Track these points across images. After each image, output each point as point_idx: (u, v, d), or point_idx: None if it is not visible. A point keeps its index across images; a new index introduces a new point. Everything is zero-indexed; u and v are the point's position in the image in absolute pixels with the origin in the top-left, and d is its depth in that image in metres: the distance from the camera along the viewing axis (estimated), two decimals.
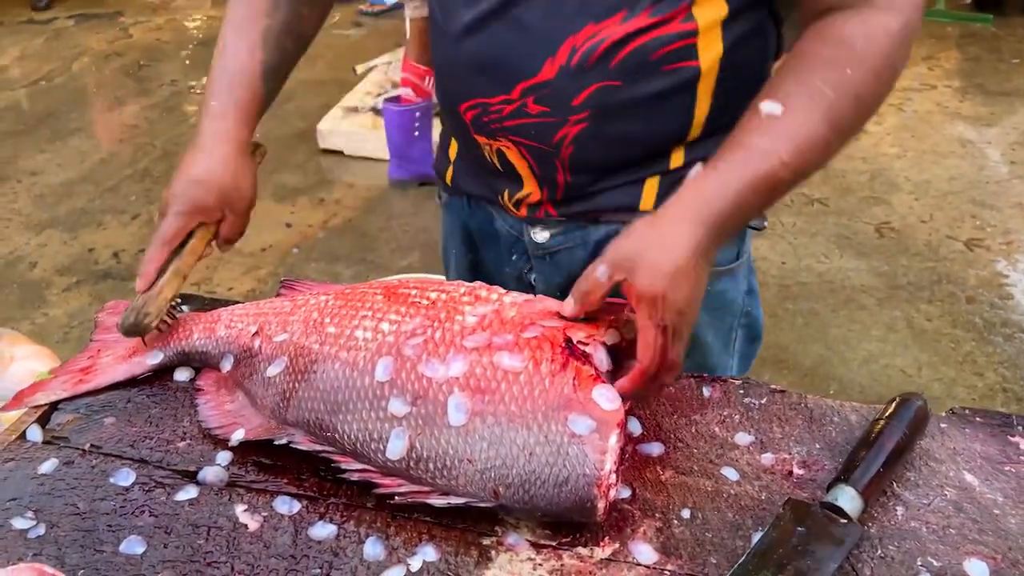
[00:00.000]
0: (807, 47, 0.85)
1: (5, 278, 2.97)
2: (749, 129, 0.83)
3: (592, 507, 0.75)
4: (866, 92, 0.84)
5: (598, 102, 0.91)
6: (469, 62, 0.95)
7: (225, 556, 0.76)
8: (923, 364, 2.46)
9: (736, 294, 1.10)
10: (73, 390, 0.94)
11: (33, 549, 0.77)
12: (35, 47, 5.10)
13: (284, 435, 0.84)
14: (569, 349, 0.80)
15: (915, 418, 0.84)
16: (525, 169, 1.01)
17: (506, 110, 0.95)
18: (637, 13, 0.86)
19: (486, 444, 0.76)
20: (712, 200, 0.81)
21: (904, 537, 0.77)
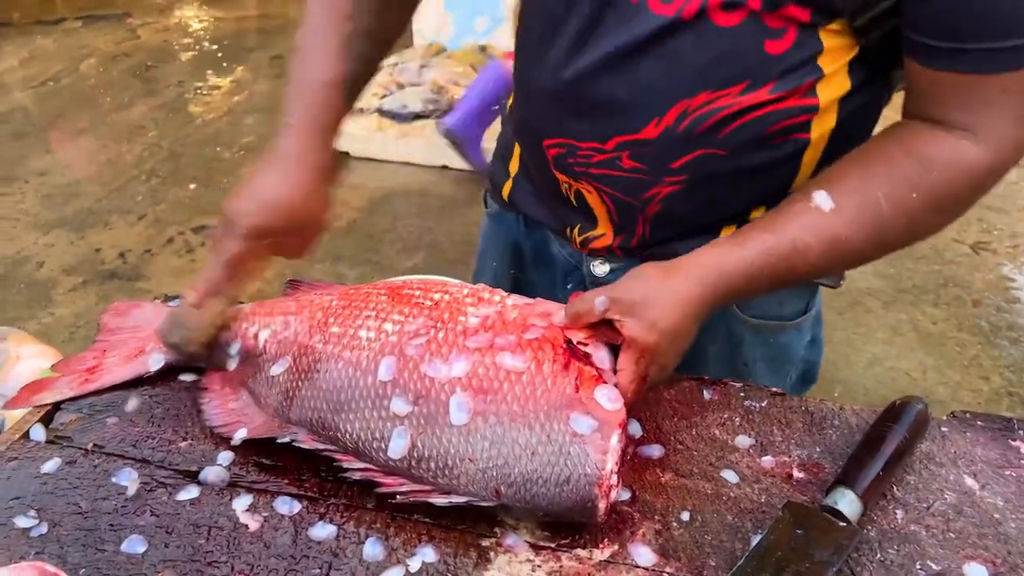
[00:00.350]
0: (889, 149, 0.82)
1: (12, 277, 2.99)
2: (792, 212, 0.83)
3: (593, 507, 0.75)
4: (922, 221, 0.83)
5: (698, 168, 0.88)
6: (567, 102, 0.90)
7: (225, 556, 0.76)
8: (928, 367, 2.45)
9: (798, 346, 1.08)
10: (79, 390, 0.94)
11: (35, 548, 0.77)
12: (44, 48, 5.13)
13: (287, 434, 0.84)
14: (570, 350, 0.81)
15: (915, 422, 0.84)
16: (603, 214, 0.97)
17: (596, 158, 0.91)
18: (759, 87, 0.81)
19: (488, 443, 0.76)
20: (728, 272, 0.82)
21: (903, 540, 0.77)
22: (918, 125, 0.82)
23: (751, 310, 1.01)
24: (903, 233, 0.84)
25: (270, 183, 0.90)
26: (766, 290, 0.89)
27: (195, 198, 3.46)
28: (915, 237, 0.86)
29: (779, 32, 0.78)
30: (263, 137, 3.96)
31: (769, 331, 1.03)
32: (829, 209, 0.81)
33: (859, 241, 0.82)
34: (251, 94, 4.45)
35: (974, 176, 0.80)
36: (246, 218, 0.88)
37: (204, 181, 3.59)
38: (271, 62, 4.86)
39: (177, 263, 3.05)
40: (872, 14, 0.76)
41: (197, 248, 3.13)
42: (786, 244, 0.81)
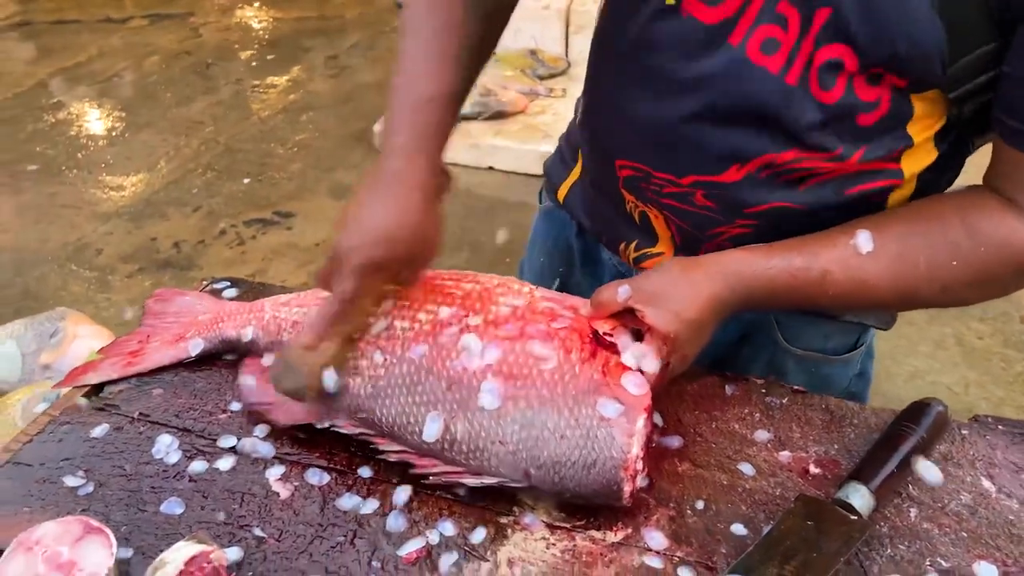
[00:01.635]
0: (946, 211, 0.81)
1: (73, 263, 3.10)
2: (830, 242, 0.82)
3: (619, 489, 0.78)
4: (956, 291, 0.82)
5: (771, 217, 0.86)
6: (646, 129, 0.87)
7: (257, 520, 0.80)
8: (971, 382, 2.42)
9: (843, 379, 1.06)
10: (122, 372, 0.98)
11: (82, 505, 0.82)
12: (111, 45, 5.30)
13: (326, 419, 0.87)
14: (597, 339, 0.83)
15: (934, 422, 0.84)
16: (666, 237, 0.96)
17: (669, 189, 0.89)
18: (849, 156, 0.80)
19: (518, 427, 0.79)
20: (747, 278, 0.83)
21: (915, 537, 0.78)
22: (986, 195, 0.80)
23: (796, 341, 1.01)
24: (934, 297, 0.83)
25: (381, 212, 0.83)
26: (783, 308, 0.90)
27: (248, 192, 3.56)
28: (946, 303, 0.85)
29: (872, 105, 0.77)
30: (317, 135, 4.05)
31: (812, 362, 1.03)
32: (867, 252, 0.81)
33: (886, 291, 0.82)
34: (306, 93, 4.55)
35: (1021, 266, 0.78)
36: (359, 253, 0.82)
37: (257, 176, 3.68)
38: (327, 62, 4.96)
39: (228, 254, 3.14)
40: (969, 86, 0.74)
41: (248, 240, 3.22)
42: (813, 271, 0.82)
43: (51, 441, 0.90)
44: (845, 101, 0.76)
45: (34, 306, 2.72)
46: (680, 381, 0.95)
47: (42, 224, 3.36)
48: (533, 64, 4.07)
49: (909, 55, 0.72)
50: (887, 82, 0.75)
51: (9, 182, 3.69)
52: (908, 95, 0.76)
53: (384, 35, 5.31)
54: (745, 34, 0.78)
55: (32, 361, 1.79)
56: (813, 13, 0.74)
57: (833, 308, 0.91)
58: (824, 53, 0.75)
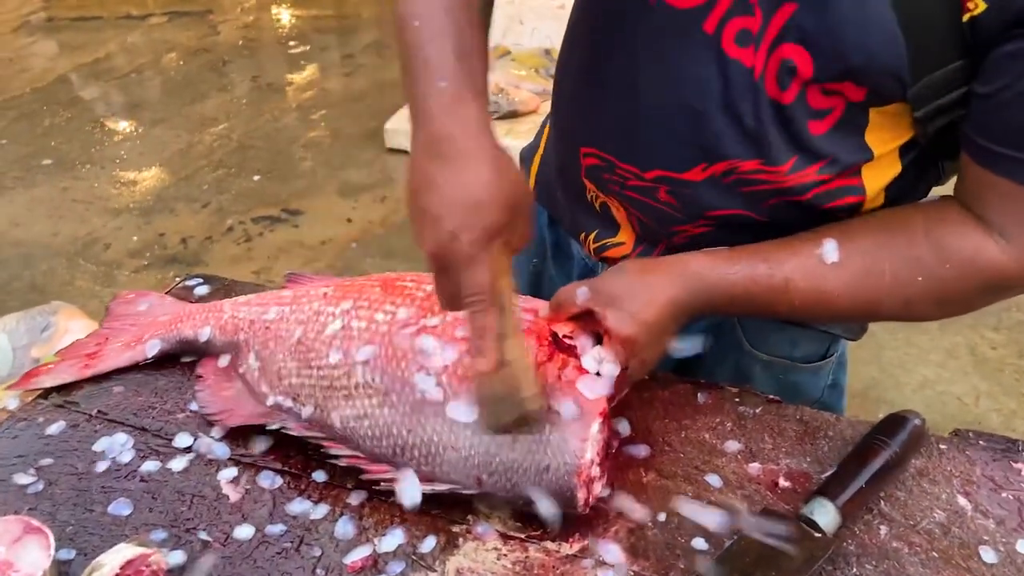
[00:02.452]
0: (914, 225, 0.78)
1: (82, 258, 3.12)
2: (794, 250, 0.80)
3: (572, 496, 0.75)
4: (920, 307, 0.80)
5: (732, 222, 0.85)
6: (614, 117, 0.85)
7: (204, 523, 0.78)
8: (982, 393, 2.36)
9: (813, 388, 1.04)
10: (78, 375, 0.96)
11: (29, 504, 0.81)
12: (131, 41, 5.34)
13: (277, 421, 0.86)
14: (555, 342, 0.81)
15: (909, 437, 0.81)
16: (626, 225, 0.94)
17: (632, 182, 0.87)
18: (805, 167, 0.78)
19: (470, 432, 0.77)
20: (709, 283, 0.81)
21: (884, 557, 0.74)
22: (954, 210, 0.78)
23: (761, 346, 0.99)
24: (897, 310, 0.81)
25: (469, 175, 0.69)
26: (744, 314, 0.88)
27: (258, 189, 3.56)
28: (909, 318, 0.84)
29: (824, 113, 0.74)
30: (329, 133, 4.05)
31: (779, 367, 1.00)
32: (831, 262, 0.79)
33: (848, 303, 0.80)
34: (321, 91, 4.55)
35: (988, 280, 0.76)
36: (466, 233, 0.68)
37: (268, 173, 3.68)
38: (342, 60, 4.96)
39: (235, 251, 3.14)
40: (937, 103, 0.72)
41: (255, 237, 3.22)
42: (776, 278, 0.80)
43: (6, 438, 0.88)
44: (798, 105, 0.74)
45: (39, 299, 2.73)
46: (651, 388, 0.92)
47: (53, 218, 3.38)
48: (547, 64, 4.04)
49: (865, 68, 0.70)
50: (843, 92, 0.73)
51: (24, 176, 3.72)
52: (866, 107, 0.74)
53: None
54: (719, 22, 0.75)
55: (23, 355, 1.79)
56: (777, 8, 0.71)
57: (793, 317, 0.88)
58: (783, 51, 0.72)
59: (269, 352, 0.89)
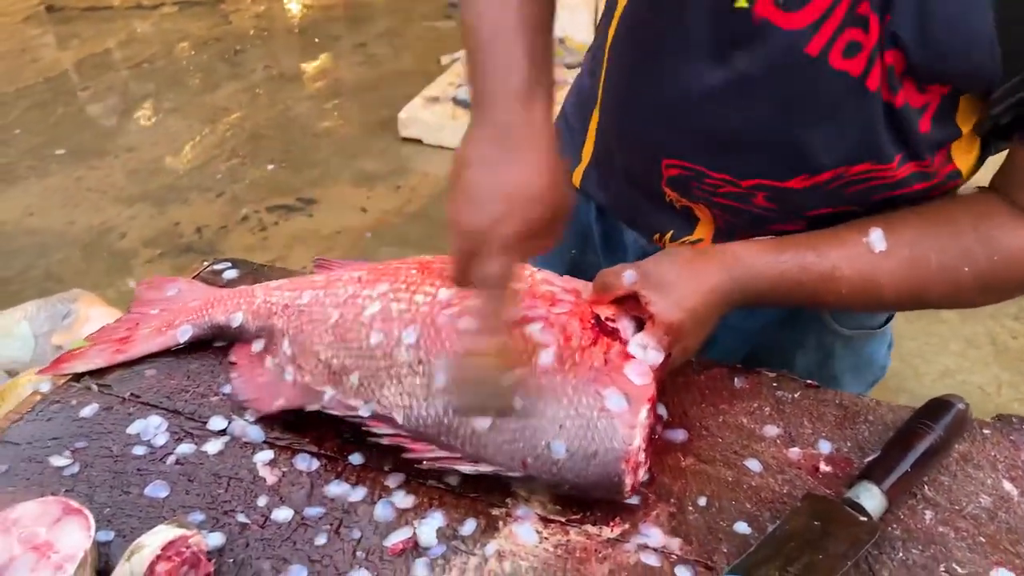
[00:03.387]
0: (960, 217, 0.79)
1: (96, 246, 3.12)
2: (841, 240, 0.80)
3: (619, 482, 0.74)
4: (966, 296, 0.80)
5: (832, 218, 0.83)
6: (705, 132, 0.82)
7: (241, 505, 0.78)
8: (1003, 383, 2.34)
9: (880, 353, 1.05)
10: (110, 360, 0.95)
11: (66, 485, 0.80)
12: (141, 31, 5.33)
13: (316, 403, 0.84)
14: (599, 325, 0.80)
15: (953, 421, 0.80)
16: (707, 222, 0.91)
17: (725, 189, 0.84)
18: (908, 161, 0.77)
19: (516, 414, 0.76)
20: (757, 272, 0.80)
21: (930, 541, 0.73)
22: (998, 203, 0.79)
23: (847, 322, 0.98)
24: (943, 299, 0.82)
25: (516, 170, 0.70)
26: (785, 303, 0.86)
27: (271, 178, 3.56)
28: (955, 306, 0.84)
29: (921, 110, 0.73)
30: (342, 122, 4.04)
31: (859, 341, 1.00)
32: (879, 251, 0.78)
33: (894, 293, 0.80)
34: (333, 80, 4.54)
35: None
36: (508, 224, 0.68)
37: (281, 162, 3.68)
38: (354, 49, 4.94)
39: (250, 240, 3.14)
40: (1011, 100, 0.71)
41: (270, 226, 3.22)
42: (824, 267, 0.79)
43: (40, 420, 0.88)
44: (905, 106, 0.73)
45: (56, 288, 2.73)
46: (687, 372, 0.91)
47: (67, 207, 3.38)
48: (560, 52, 4.03)
49: (960, 72, 0.69)
50: (935, 89, 0.72)
51: (38, 165, 3.72)
52: (955, 96, 0.73)
53: (412, 23, 5.29)
54: (828, 40, 0.71)
55: (44, 342, 1.79)
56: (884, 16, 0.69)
57: (839, 307, 0.88)
58: (887, 57, 0.71)
59: (305, 336, 0.88)
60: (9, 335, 1.81)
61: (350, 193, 3.43)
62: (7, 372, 1.77)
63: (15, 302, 2.10)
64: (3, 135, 4.00)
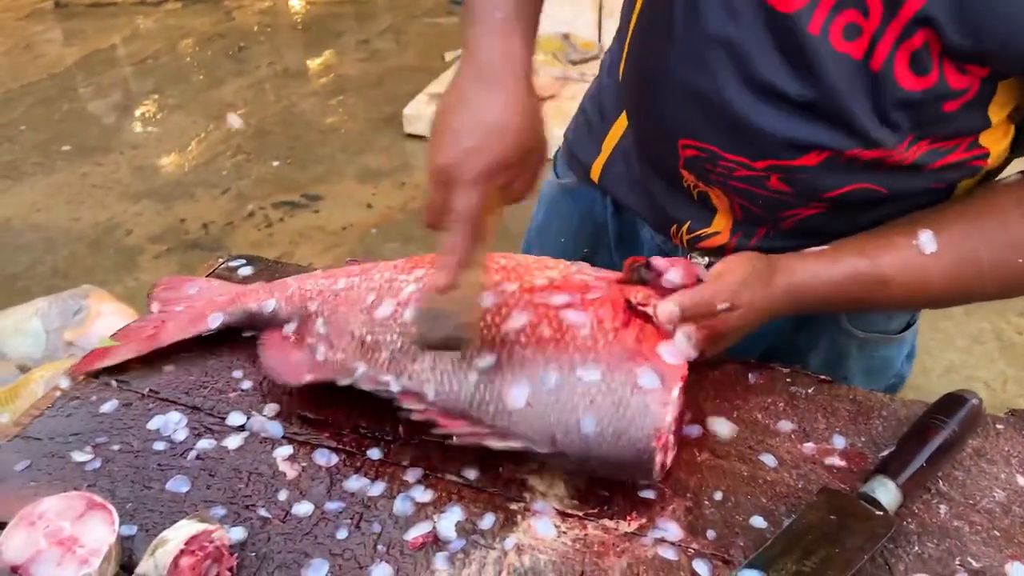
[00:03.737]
0: (1006, 206, 0.78)
1: (103, 243, 3.13)
2: (892, 244, 0.80)
3: (650, 460, 0.75)
4: (1018, 287, 0.80)
5: (849, 199, 0.81)
6: (717, 112, 0.82)
7: (262, 500, 0.79)
8: (1009, 378, 2.35)
9: (897, 360, 1.05)
10: (144, 348, 0.96)
11: (88, 480, 0.81)
12: (145, 27, 5.34)
13: (347, 377, 0.85)
14: (631, 309, 0.80)
15: (967, 416, 0.81)
16: (725, 212, 0.91)
17: (740, 172, 0.83)
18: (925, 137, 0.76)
19: (547, 389, 0.76)
20: (810, 289, 0.80)
21: (945, 535, 0.74)
22: None
23: (860, 323, 0.98)
24: (994, 293, 0.81)
25: (487, 106, 0.72)
26: (837, 311, 0.88)
27: (277, 174, 3.56)
28: (1005, 297, 0.83)
29: (961, 92, 0.72)
30: (347, 118, 4.04)
31: (873, 345, 1.00)
32: (929, 253, 0.78)
33: (947, 291, 0.80)
34: (337, 76, 4.54)
35: None
36: (476, 157, 0.71)
37: (286, 159, 3.69)
38: (358, 46, 4.95)
39: (256, 236, 3.14)
40: None
41: (275, 223, 3.23)
42: (876, 275, 0.79)
43: (60, 416, 0.89)
44: (938, 87, 0.71)
45: (63, 284, 2.74)
46: (701, 368, 0.92)
47: (73, 204, 3.39)
48: (565, 49, 4.03)
49: (999, 54, 0.68)
50: (974, 72, 0.71)
51: (43, 162, 3.73)
52: (993, 81, 0.72)
53: (415, 19, 5.29)
54: (825, 19, 0.72)
55: (56, 338, 1.80)
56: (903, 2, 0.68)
57: (891, 309, 0.89)
58: (915, 40, 0.69)
59: (340, 316, 0.88)
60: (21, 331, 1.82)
61: (355, 189, 3.44)
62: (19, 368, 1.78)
63: (22, 298, 2.11)
64: (9, 132, 4.01)
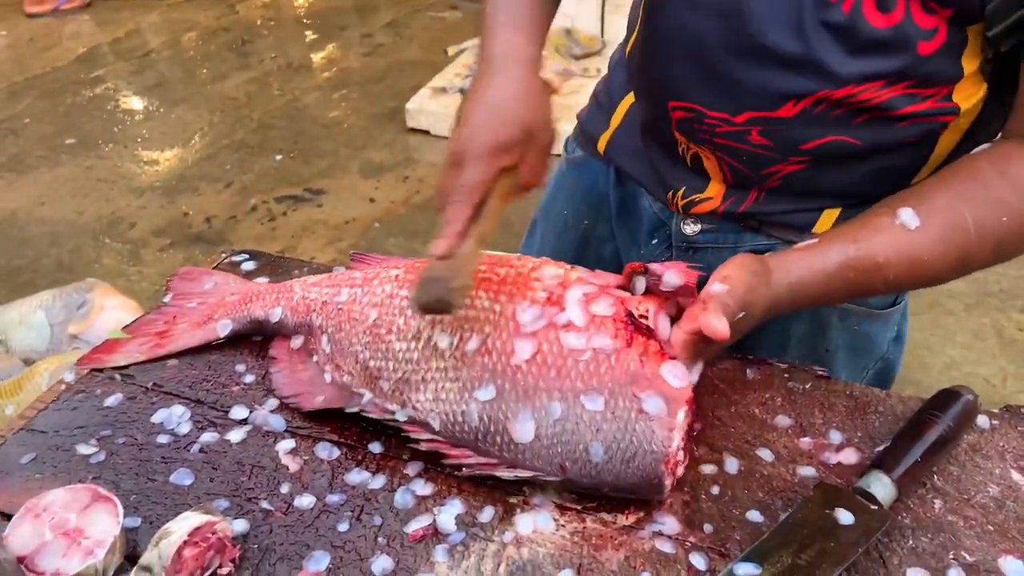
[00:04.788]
0: (982, 168, 0.79)
1: (107, 236, 3.14)
2: (876, 227, 0.80)
3: (659, 484, 0.75)
4: (1011, 246, 0.80)
5: (827, 151, 0.85)
6: (699, 68, 0.86)
7: (264, 493, 0.80)
8: (1009, 375, 2.35)
9: (882, 340, 1.05)
10: (150, 354, 0.96)
11: (93, 473, 0.82)
12: (150, 21, 5.33)
13: (355, 404, 0.85)
14: (632, 323, 0.80)
15: (962, 412, 0.81)
16: (718, 179, 0.96)
17: (723, 128, 0.88)
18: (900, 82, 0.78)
19: (553, 420, 0.77)
20: (808, 285, 0.80)
21: (939, 530, 0.75)
22: (1017, 146, 0.79)
23: None
24: (988, 257, 0.81)
25: (494, 86, 0.79)
26: (838, 301, 0.88)
27: (280, 168, 3.57)
28: (1000, 260, 0.83)
29: (930, 33, 0.75)
30: (350, 113, 4.05)
31: (855, 317, 1.01)
32: (914, 227, 0.79)
33: (941, 262, 0.80)
34: (340, 71, 4.54)
35: None
36: (480, 134, 0.77)
37: (290, 153, 3.69)
38: (361, 40, 4.94)
39: (259, 230, 3.15)
40: (1007, 23, 0.73)
41: (278, 217, 3.23)
42: (868, 258, 0.80)
43: (65, 409, 0.90)
44: (904, 27, 0.74)
45: (68, 278, 2.75)
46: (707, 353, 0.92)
47: (78, 197, 3.40)
48: (568, 44, 4.02)
49: None
50: (938, 12, 0.73)
51: (48, 155, 3.74)
52: (964, 27, 0.74)
53: (418, 14, 5.28)
54: None
55: (60, 331, 1.81)
56: None
57: (889, 291, 0.89)
58: None
59: (344, 335, 0.89)
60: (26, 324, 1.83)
61: (358, 184, 3.45)
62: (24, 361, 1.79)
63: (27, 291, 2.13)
64: (13, 124, 4.01)
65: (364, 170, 3.55)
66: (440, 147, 3.68)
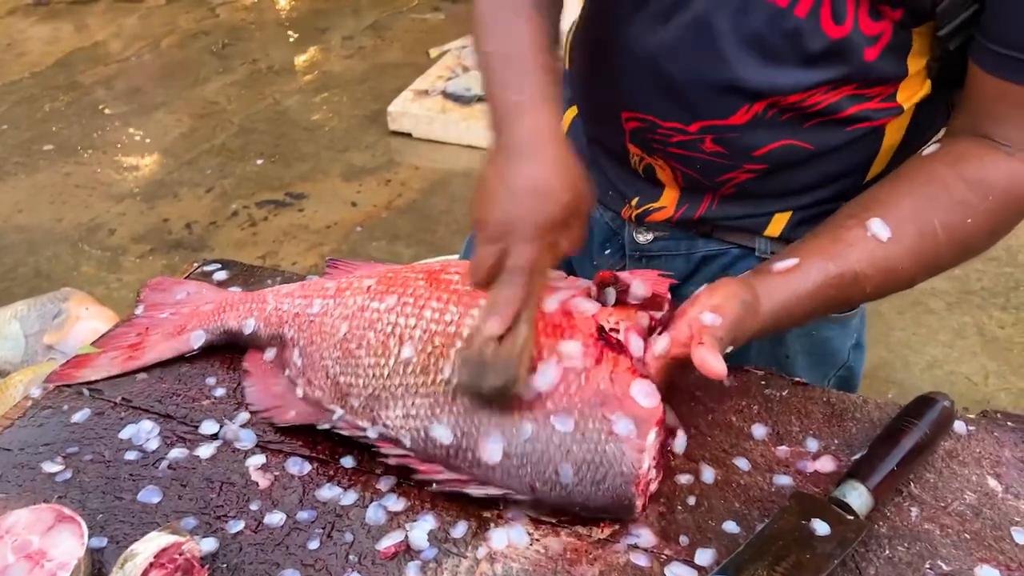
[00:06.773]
0: (942, 173, 0.80)
1: (86, 243, 3.11)
2: (849, 241, 0.80)
3: (630, 504, 0.75)
4: (976, 246, 0.82)
5: (778, 156, 0.87)
6: (652, 78, 0.87)
7: (234, 510, 0.78)
8: (991, 372, 2.36)
9: (842, 346, 1.05)
10: (122, 368, 0.95)
11: (59, 492, 0.81)
12: (128, 25, 5.29)
13: (327, 421, 0.84)
14: (602, 338, 0.78)
15: (939, 418, 0.81)
16: (671, 184, 0.96)
17: (677, 138, 0.90)
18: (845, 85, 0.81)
19: (523, 440, 0.75)
20: (791, 309, 0.80)
21: (915, 539, 0.74)
22: (970, 145, 0.80)
23: None
24: (957, 257, 0.83)
25: (531, 174, 0.76)
26: (821, 316, 0.88)
27: (261, 173, 3.54)
28: (967, 259, 0.85)
29: (875, 39, 0.78)
30: (331, 116, 4.03)
31: (812, 323, 1.00)
32: (886, 238, 0.80)
33: (915, 269, 0.81)
34: (322, 73, 4.52)
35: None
36: (531, 215, 0.73)
37: (271, 156, 3.67)
38: (343, 43, 4.92)
39: (239, 235, 3.13)
40: (957, 22, 0.76)
41: (259, 222, 3.21)
42: (847, 274, 0.80)
43: (32, 426, 0.88)
44: (854, 35, 0.77)
45: (46, 286, 2.73)
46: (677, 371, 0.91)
47: (56, 204, 3.37)
48: None
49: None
50: (887, 15, 0.76)
51: (25, 161, 3.70)
52: (909, 28, 0.77)
53: (400, 15, 5.26)
54: None
55: (35, 342, 1.79)
56: None
57: (865, 301, 0.90)
58: None
59: (315, 348, 0.87)
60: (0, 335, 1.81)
61: (340, 187, 3.43)
62: None
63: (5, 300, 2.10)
64: None
65: (346, 173, 3.53)
66: (422, 150, 3.67)
